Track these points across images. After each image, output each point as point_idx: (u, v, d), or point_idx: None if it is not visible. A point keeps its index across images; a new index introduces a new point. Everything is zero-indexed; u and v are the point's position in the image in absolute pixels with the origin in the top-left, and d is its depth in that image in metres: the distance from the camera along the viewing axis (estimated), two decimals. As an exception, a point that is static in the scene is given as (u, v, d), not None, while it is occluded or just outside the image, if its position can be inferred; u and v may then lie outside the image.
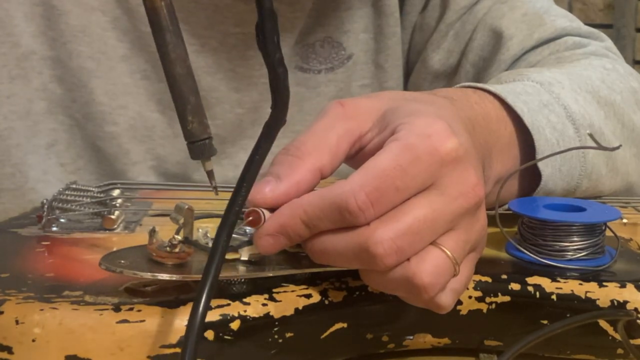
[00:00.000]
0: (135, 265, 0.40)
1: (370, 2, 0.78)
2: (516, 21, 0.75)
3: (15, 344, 0.38)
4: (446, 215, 0.40)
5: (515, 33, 0.74)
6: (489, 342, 0.46)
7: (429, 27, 0.80)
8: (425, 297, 0.40)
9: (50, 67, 0.70)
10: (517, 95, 0.56)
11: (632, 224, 0.57)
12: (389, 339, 0.45)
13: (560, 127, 0.57)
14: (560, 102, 0.58)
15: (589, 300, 0.45)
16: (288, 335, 0.42)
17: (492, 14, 0.76)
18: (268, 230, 0.41)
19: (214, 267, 0.36)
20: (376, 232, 0.39)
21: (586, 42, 0.75)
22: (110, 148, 0.72)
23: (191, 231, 0.42)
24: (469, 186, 0.41)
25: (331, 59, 0.78)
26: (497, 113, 0.55)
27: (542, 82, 0.60)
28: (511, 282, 0.46)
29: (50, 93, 0.70)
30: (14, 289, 0.41)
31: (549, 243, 0.48)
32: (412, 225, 0.39)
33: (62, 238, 0.50)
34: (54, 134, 0.71)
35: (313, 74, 0.77)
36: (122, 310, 0.39)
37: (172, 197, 0.60)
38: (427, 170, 0.40)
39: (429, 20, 0.80)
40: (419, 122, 0.41)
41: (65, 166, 0.72)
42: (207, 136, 0.40)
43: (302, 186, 0.41)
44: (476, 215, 0.42)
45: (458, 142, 0.41)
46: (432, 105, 0.46)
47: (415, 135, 0.40)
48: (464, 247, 0.41)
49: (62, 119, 0.71)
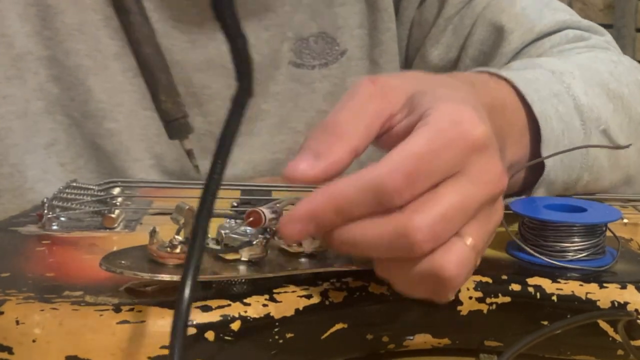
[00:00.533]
0: (136, 266, 0.40)
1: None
2: (517, 15, 0.74)
3: (15, 345, 0.38)
4: (474, 202, 0.39)
5: (515, 27, 0.74)
6: (489, 342, 0.46)
7: (427, 23, 0.80)
8: (448, 291, 0.40)
9: (46, 66, 0.70)
10: (529, 83, 0.56)
11: (633, 224, 0.57)
12: (389, 340, 0.45)
13: (567, 118, 0.57)
14: (570, 92, 0.58)
15: (589, 301, 0.45)
16: (288, 335, 0.42)
17: (492, 8, 0.76)
18: (297, 217, 0.39)
19: (195, 254, 0.35)
20: (414, 217, 0.38)
21: (587, 35, 0.75)
22: (110, 145, 0.72)
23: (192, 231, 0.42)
24: (496, 174, 0.40)
25: (325, 54, 0.78)
26: (512, 100, 0.55)
27: (554, 70, 0.60)
28: (512, 283, 0.46)
29: (47, 93, 0.70)
30: (14, 289, 0.40)
31: (550, 244, 0.48)
32: (447, 211, 0.38)
33: (62, 237, 0.50)
34: (52, 133, 0.71)
35: (307, 69, 0.78)
36: (123, 310, 0.39)
37: (173, 196, 0.60)
38: (458, 155, 0.39)
39: (427, 16, 0.80)
40: (448, 107, 0.40)
41: (65, 165, 0.72)
42: (182, 114, 0.38)
43: (339, 166, 0.40)
44: (495, 205, 0.41)
45: (486, 129, 0.40)
46: (458, 91, 0.45)
47: (447, 121, 0.40)
48: (483, 238, 0.41)
49: (61, 119, 0.71)
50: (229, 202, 0.56)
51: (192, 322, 0.39)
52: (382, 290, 0.44)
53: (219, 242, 0.43)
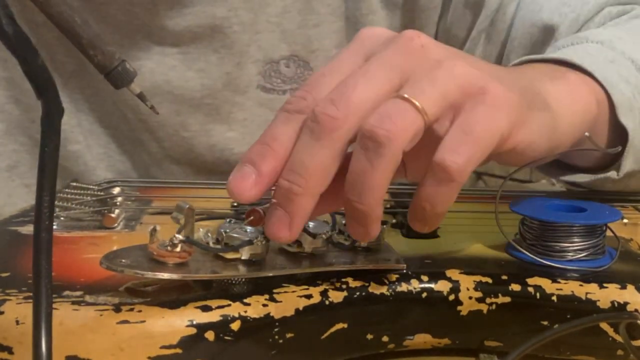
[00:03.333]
0: (136, 265, 0.40)
1: (344, 16, 0.74)
2: (557, 7, 0.70)
3: (15, 344, 0.38)
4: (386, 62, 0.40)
5: (561, 21, 0.69)
6: (489, 342, 0.46)
7: (457, 38, 0.75)
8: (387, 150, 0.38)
9: (5, 87, 0.69)
10: (582, 59, 0.53)
11: (633, 224, 0.57)
12: (389, 339, 0.45)
13: (633, 80, 0.55)
14: (626, 55, 0.56)
15: (589, 301, 0.45)
16: (288, 335, 0.42)
17: (528, 7, 0.71)
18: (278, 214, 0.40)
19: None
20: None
21: (629, 8, 0.71)
22: (76, 167, 0.71)
23: (192, 230, 0.42)
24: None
25: (297, 78, 0.73)
26: (574, 74, 0.53)
27: (602, 41, 0.57)
28: (511, 283, 0.46)
29: (8, 114, 0.70)
30: (14, 289, 0.40)
31: (550, 244, 0.48)
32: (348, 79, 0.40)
33: (62, 236, 0.50)
34: (15, 155, 0.70)
35: (278, 94, 0.73)
36: (123, 310, 0.39)
37: (173, 196, 0.60)
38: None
39: (457, 32, 0.75)
40: None
41: (30, 187, 0.71)
42: (118, 62, 0.38)
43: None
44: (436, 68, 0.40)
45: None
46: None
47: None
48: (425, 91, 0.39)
49: (23, 140, 0.70)
50: (229, 202, 0.56)
51: (192, 322, 0.39)
52: (382, 290, 0.44)
53: (219, 241, 0.43)
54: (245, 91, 0.73)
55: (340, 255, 0.45)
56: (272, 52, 0.73)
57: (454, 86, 0.40)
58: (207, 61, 0.71)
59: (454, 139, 0.39)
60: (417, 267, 0.46)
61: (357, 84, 0.39)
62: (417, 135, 0.39)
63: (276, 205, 0.40)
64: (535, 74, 0.49)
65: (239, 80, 0.72)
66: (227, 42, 0.71)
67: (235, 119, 0.73)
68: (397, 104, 0.38)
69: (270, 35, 0.72)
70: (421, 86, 0.39)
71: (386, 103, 0.39)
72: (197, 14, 0.68)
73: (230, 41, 0.71)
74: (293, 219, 0.40)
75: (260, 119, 0.73)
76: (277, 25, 0.72)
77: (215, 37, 0.70)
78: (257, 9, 0.71)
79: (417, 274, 0.45)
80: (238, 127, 0.73)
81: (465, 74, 0.40)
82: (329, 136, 0.38)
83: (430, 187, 0.39)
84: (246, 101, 0.73)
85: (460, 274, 0.46)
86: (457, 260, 0.48)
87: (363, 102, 0.39)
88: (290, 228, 0.40)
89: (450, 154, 0.38)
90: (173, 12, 0.68)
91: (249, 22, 0.71)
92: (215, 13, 0.69)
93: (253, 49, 0.72)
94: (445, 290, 0.45)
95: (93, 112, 0.71)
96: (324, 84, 0.40)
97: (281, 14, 0.72)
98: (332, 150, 0.39)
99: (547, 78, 0.49)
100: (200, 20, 0.69)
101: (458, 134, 0.39)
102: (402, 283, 0.45)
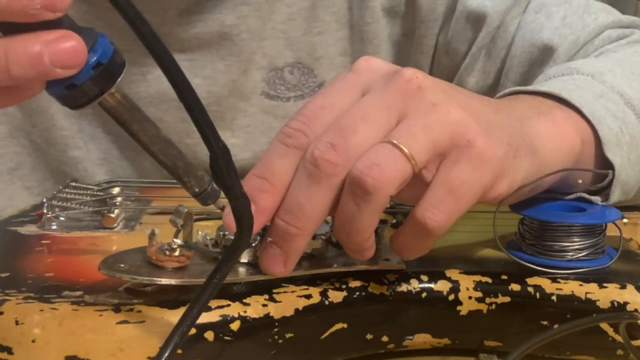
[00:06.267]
0: (135, 270, 0.40)
1: (349, 24, 0.74)
2: (558, 29, 0.69)
3: (15, 345, 0.38)
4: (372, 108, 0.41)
5: (560, 42, 0.69)
6: (489, 342, 0.46)
7: (457, 52, 0.75)
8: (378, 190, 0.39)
9: None
10: (570, 92, 0.53)
11: (632, 224, 0.57)
12: (389, 340, 0.45)
13: (620, 114, 0.54)
14: (615, 90, 0.56)
15: (589, 301, 0.45)
16: (288, 335, 0.42)
17: (529, 26, 0.71)
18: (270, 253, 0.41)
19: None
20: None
21: (629, 32, 0.71)
22: (76, 172, 0.71)
23: (190, 234, 0.42)
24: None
25: (301, 85, 0.73)
26: (562, 110, 0.52)
27: (592, 73, 0.57)
28: (511, 283, 0.46)
29: (11, 117, 0.69)
30: (14, 289, 0.40)
31: (549, 243, 0.48)
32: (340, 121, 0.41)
33: (61, 237, 0.50)
34: (17, 157, 0.70)
35: (281, 101, 0.73)
36: (122, 310, 0.39)
37: (172, 196, 0.60)
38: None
39: (457, 45, 0.74)
40: None
41: (31, 189, 0.71)
42: (207, 185, 0.39)
43: None
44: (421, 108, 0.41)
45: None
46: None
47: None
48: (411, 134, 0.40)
49: (25, 143, 0.70)
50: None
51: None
52: (382, 290, 0.44)
53: (217, 243, 0.43)
54: (250, 98, 0.73)
55: (340, 256, 0.45)
56: (276, 59, 0.73)
57: (445, 135, 0.41)
58: (214, 68, 0.71)
59: (436, 195, 0.40)
60: (416, 267, 0.46)
61: (357, 128, 0.40)
62: (405, 182, 0.40)
63: (271, 243, 0.41)
64: (524, 110, 0.49)
65: (244, 87, 0.72)
66: (234, 49, 0.71)
67: (239, 125, 0.73)
68: (388, 151, 0.39)
69: (275, 42, 0.72)
70: (414, 132, 0.40)
71: (377, 148, 0.40)
72: (206, 22, 0.69)
73: (238, 48, 0.71)
74: (288, 258, 0.41)
75: (264, 125, 0.73)
76: (283, 32, 0.72)
77: (222, 44, 0.70)
78: (265, 17, 0.71)
79: (416, 274, 0.45)
80: (241, 133, 0.73)
81: (457, 122, 0.41)
82: (328, 181, 0.39)
83: (406, 236, 0.42)
84: (250, 108, 0.73)
85: (460, 274, 0.46)
86: (456, 260, 0.48)
87: (362, 147, 0.40)
88: (286, 265, 0.41)
89: (431, 211, 0.40)
90: (182, 19, 0.68)
91: (256, 29, 0.71)
92: (224, 21, 0.69)
93: (258, 56, 0.72)
94: (445, 290, 0.45)
95: (96, 117, 0.70)
96: (323, 119, 0.41)
97: (287, 21, 0.72)
98: (329, 194, 0.40)
99: (535, 115, 0.49)
100: (209, 27, 0.69)
101: (440, 190, 0.40)
102: (402, 283, 0.45)
